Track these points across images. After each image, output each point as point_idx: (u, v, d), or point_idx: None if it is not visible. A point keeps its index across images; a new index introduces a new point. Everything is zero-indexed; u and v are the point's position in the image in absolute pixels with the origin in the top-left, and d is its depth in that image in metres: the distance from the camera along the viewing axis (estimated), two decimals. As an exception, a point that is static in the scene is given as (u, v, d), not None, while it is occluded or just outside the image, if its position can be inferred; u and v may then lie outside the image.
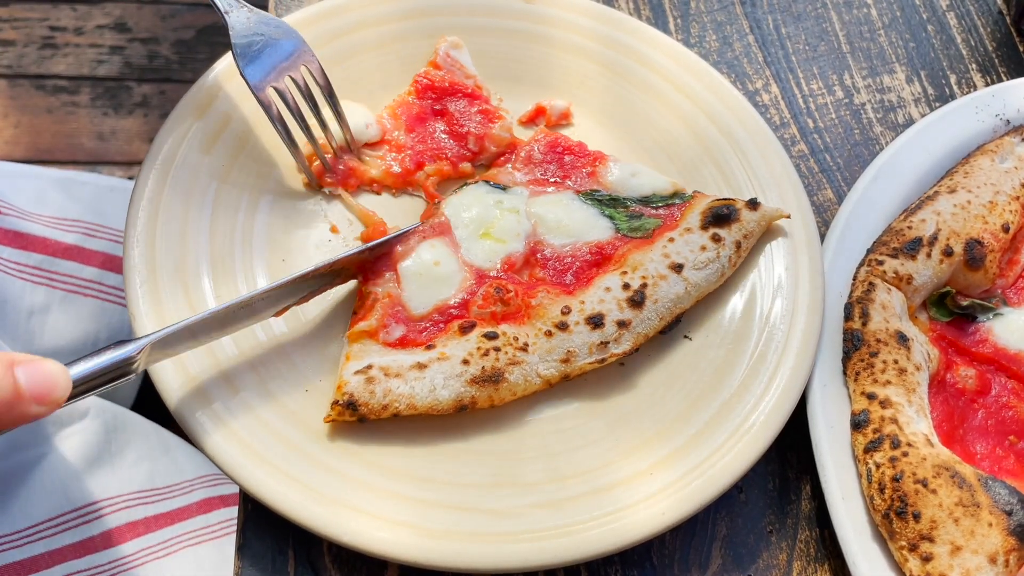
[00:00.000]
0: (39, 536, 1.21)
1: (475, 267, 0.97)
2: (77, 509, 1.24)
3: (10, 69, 2.50)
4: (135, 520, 1.28)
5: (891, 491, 0.89)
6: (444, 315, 0.95)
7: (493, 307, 0.94)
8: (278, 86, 0.97)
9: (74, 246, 1.42)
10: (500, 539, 0.84)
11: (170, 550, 1.28)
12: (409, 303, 0.94)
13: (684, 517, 0.87)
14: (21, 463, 1.24)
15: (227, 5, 0.98)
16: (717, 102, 1.12)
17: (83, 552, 1.23)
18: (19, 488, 1.23)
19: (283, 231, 1.01)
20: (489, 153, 1.07)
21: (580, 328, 0.94)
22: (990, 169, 1.10)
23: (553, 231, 1.01)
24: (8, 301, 1.34)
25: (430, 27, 1.13)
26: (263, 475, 0.84)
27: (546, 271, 0.99)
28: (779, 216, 1.04)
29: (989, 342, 1.03)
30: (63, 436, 1.28)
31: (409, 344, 0.93)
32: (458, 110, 1.08)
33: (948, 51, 1.30)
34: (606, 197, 1.04)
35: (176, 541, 1.29)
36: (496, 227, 1.00)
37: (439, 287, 0.96)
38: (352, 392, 0.88)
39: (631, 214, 1.03)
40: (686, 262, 0.99)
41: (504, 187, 1.03)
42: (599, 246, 1.00)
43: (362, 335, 0.92)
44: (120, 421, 1.34)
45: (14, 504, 1.22)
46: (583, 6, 1.16)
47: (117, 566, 1.24)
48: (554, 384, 0.93)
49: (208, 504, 1.34)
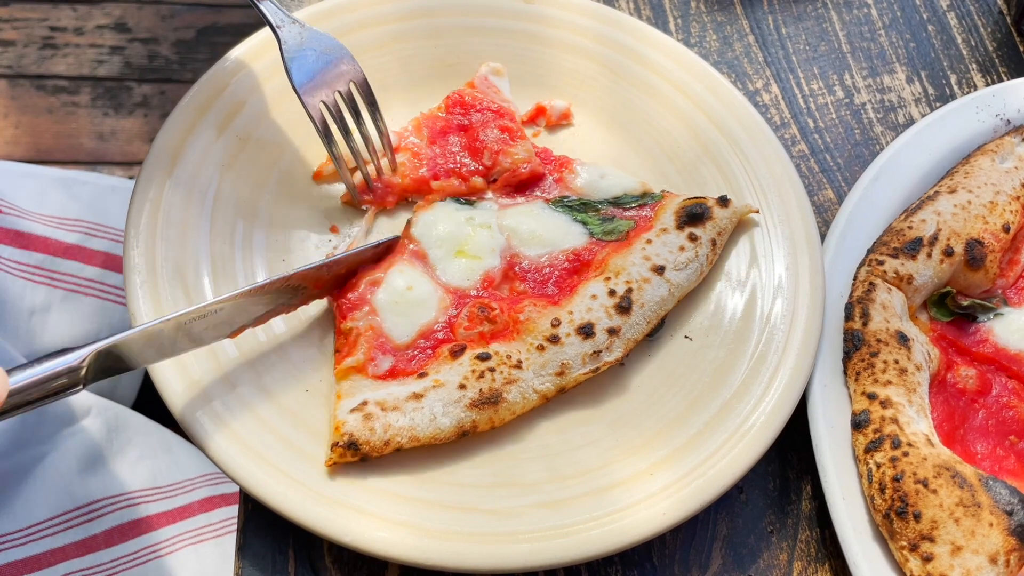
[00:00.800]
0: (41, 535, 1.22)
1: (453, 287, 0.96)
2: (79, 508, 1.25)
3: (10, 69, 2.50)
4: (137, 519, 1.28)
5: (892, 491, 0.89)
6: (430, 340, 0.93)
7: (480, 327, 0.93)
8: (326, 100, 0.97)
9: (75, 245, 1.42)
10: (500, 539, 0.84)
11: (172, 548, 1.28)
12: (392, 333, 0.93)
13: (684, 517, 0.87)
14: (22, 462, 1.24)
15: (279, 20, 0.99)
16: (717, 102, 1.11)
17: (85, 551, 1.23)
18: (21, 487, 1.23)
19: (283, 231, 1.01)
20: (503, 169, 1.04)
21: (572, 339, 0.94)
22: (990, 169, 1.10)
23: (527, 242, 1.00)
24: (9, 301, 1.34)
25: (430, 27, 1.13)
26: (263, 475, 0.84)
27: (526, 283, 0.98)
28: (749, 212, 1.04)
29: (989, 342, 1.03)
30: (65, 435, 1.29)
31: (400, 374, 0.91)
32: (480, 123, 1.06)
33: (948, 51, 1.30)
34: (576, 202, 1.04)
35: (178, 539, 1.29)
36: (470, 244, 0.99)
37: (418, 312, 0.94)
38: (351, 432, 0.86)
39: (603, 217, 1.03)
40: (667, 263, 0.98)
41: (472, 202, 1.02)
42: (576, 253, 1.00)
43: (350, 371, 0.91)
44: (122, 420, 1.35)
45: (16, 503, 1.22)
46: (583, 6, 1.16)
47: (119, 564, 1.24)
48: (551, 398, 0.93)
49: (210, 503, 1.34)
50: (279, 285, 0.89)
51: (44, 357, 0.76)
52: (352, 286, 0.95)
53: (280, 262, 0.99)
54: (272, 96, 1.06)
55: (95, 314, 1.43)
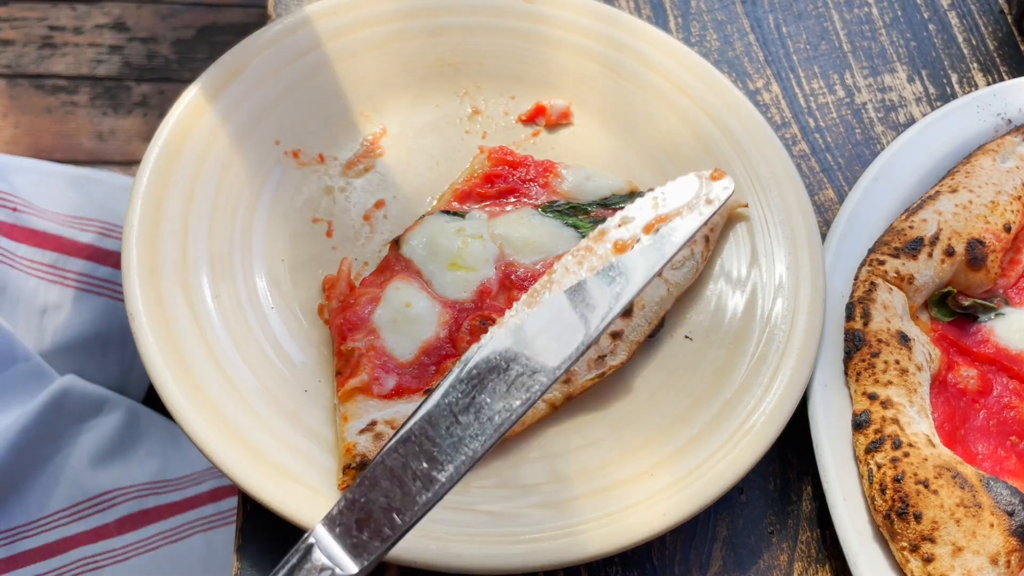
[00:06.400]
0: (54, 525, 1.24)
1: (450, 300, 0.95)
2: (90, 499, 1.28)
3: (9, 69, 2.49)
4: (147, 508, 1.31)
5: (892, 492, 0.89)
6: (433, 356, 0.92)
7: None
8: None
9: (89, 245, 1.43)
10: (500, 539, 0.84)
11: (183, 535, 1.31)
12: (394, 351, 0.92)
13: (685, 518, 0.87)
14: (38, 457, 1.27)
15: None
16: (718, 101, 1.11)
17: (97, 538, 1.26)
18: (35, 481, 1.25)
19: (283, 231, 1.00)
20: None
21: None
22: (992, 169, 1.10)
23: (521, 250, 0.99)
24: (22, 299, 1.35)
25: (430, 27, 1.13)
26: (262, 476, 0.84)
27: (524, 292, 0.97)
28: (738, 206, 1.04)
29: (991, 342, 1.03)
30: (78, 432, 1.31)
31: (406, 392, 0.90)
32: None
33: (949, 50, 1.30)
34: (565, 206, 1.03)
35: (188, 527, 1.32)
36: (463, 256, 0.98)
37: (418, 328, 0.93)
38: (364, 453, 0.85)
39: (593, 219, 1.02)
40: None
41: (462, 214, 1.02)
42: None
43: (355, 392, 0.90)
44: (133, 416, 1.37)
45: (30, 497, 1.24)
46: (583, 5, 1.16)
47: (131, 549, 1.27)
48: (558, 407, 0.92)
49: (219, 493, 1.37)
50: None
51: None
52: (349, 306, 0.94)
53: (279, 262, 0.99)
54: (272, 95, 1.06)
55: (107, 314, 1.44)
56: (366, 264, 1.01)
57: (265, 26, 1.09)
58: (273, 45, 1.07)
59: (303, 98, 1.07)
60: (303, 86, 1.07)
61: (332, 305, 0.96)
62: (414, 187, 1.06)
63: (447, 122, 1.11)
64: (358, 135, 1.08)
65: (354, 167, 1.06)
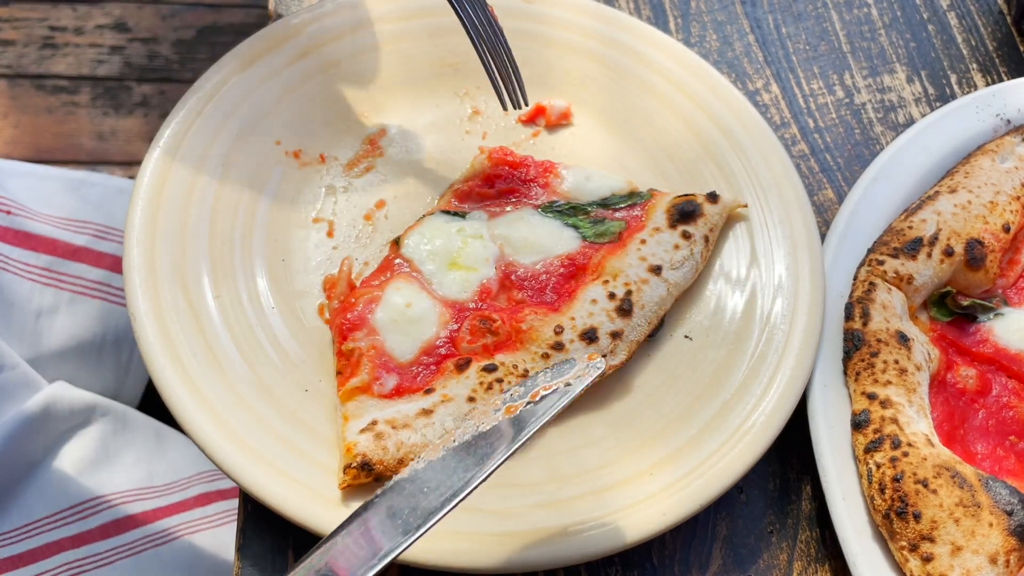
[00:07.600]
0: (36, 532, 1.23)
1: (451, 300, 0.96)
2: (74, 506, 1.26)
3: (10, 69, 2.49)
4: (132, 514, 1.29)
5: (891, 491, 0.89)
6: (433, 356, 0.93)
7: (483, 339, 0.93)
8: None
9: (83, 247, 1.43)
10: (500, 539, 0.84)
11: (168, 539, 1.30)
12: (394, 351, 0.92)
13: (684, 517, 0.87)
14: (22, 466, 1.25)
15: None
16: (717, 102, 1.11)
17: (80, 543, 1.25)
18: (19, 489, 1.24)
19: (283, 230, 1.01)
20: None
21: (576, 345, 0.93)
22: (991, 169, 1.10)
23: (521, 250, 1.00)
24: (16, 303, 1.34)
25: (431, 27, 1.13)
26: (263, 475, 0.84)
27: (524, 292, 0.98)
28: (737, 206, 1.04)
29: (990, 342, 1.03)
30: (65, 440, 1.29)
31: (406, 392, 0.91)
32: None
33: (949, 51, 1.30)
34: (565, 206, 1.04)
35: (173, 531, 1.31)
36: (463, 256, 0.98)
37: (418, 328, 0.93)
38: (364, 452, 0.85)
39: (593, 219, 1.02)
40: (663, 263, 0.98)
41: (462, 214, 1.02)
42: (570, 257, 0.99)
43: (355, 392, 0.90)
44: (121, 423, 1.35)
45: (14, 504, 1.23)
46: (583, 5, 1.16)
47: (115, 553, 1.26)
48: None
49: (206, 498, 1.36)
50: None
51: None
52: (350, 306, 0.94)
53: (280, 262, 0.99)
54: (272, 96, 1.06)
55: (101, 316, 1.44)
56: (367, 264, 1.01)
57: (266, 27, 1.09)
58: (273, 46, 1.07)
59: (303, 98, 1.07)
60: (303, 87, 1.08)
61: (333, 305, 0.96)
62: (414, 187, 1.07)
63: (447, 122, 1.11)
64: (358, 135, 1.08)
65: (355, 167, 1.07)
